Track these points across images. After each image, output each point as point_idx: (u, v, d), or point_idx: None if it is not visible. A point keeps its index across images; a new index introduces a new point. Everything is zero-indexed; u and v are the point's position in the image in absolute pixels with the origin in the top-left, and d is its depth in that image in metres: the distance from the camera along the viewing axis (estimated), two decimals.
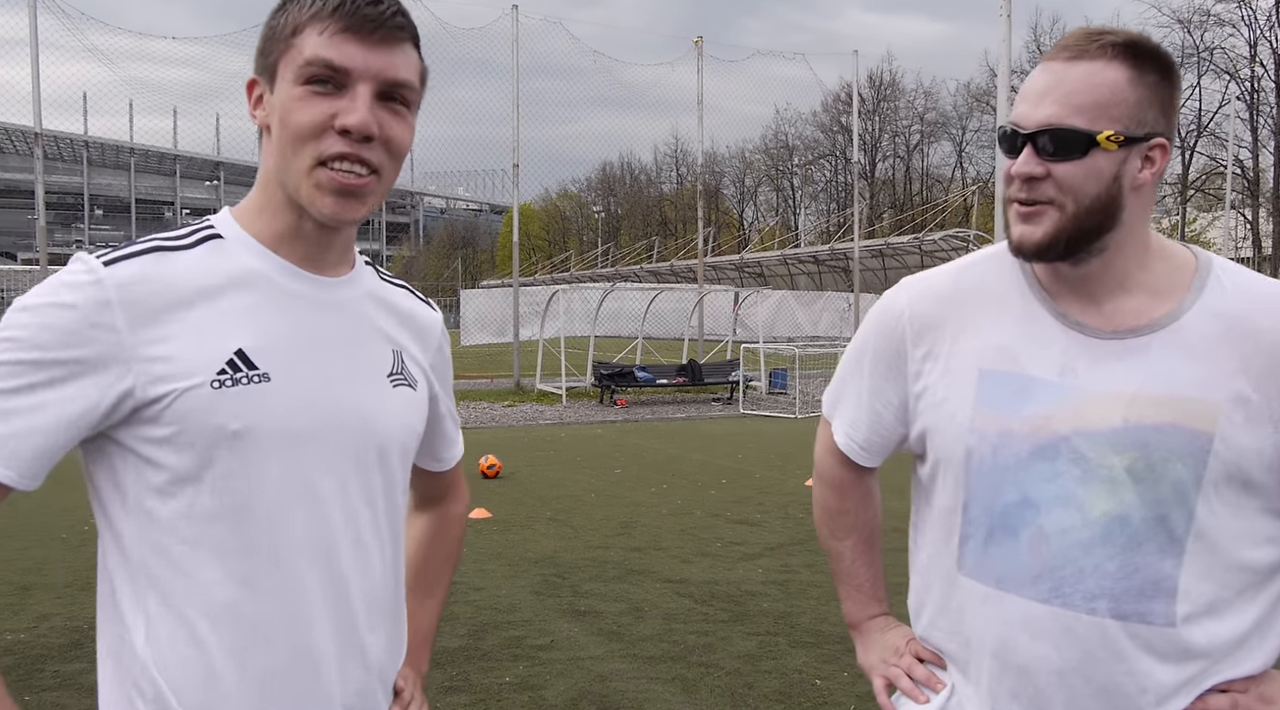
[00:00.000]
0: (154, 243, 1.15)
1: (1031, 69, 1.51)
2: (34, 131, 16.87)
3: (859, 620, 1.61)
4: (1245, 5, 41.21)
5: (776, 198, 69.73)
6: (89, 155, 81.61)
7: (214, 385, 1.11)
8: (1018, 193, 1.29)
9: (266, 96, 1.17)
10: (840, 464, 1.58)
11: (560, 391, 17.62)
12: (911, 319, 1.43)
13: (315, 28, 1.13)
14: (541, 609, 5.29)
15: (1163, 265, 1.33)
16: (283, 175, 1.16)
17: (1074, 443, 1.28)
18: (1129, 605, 1.26)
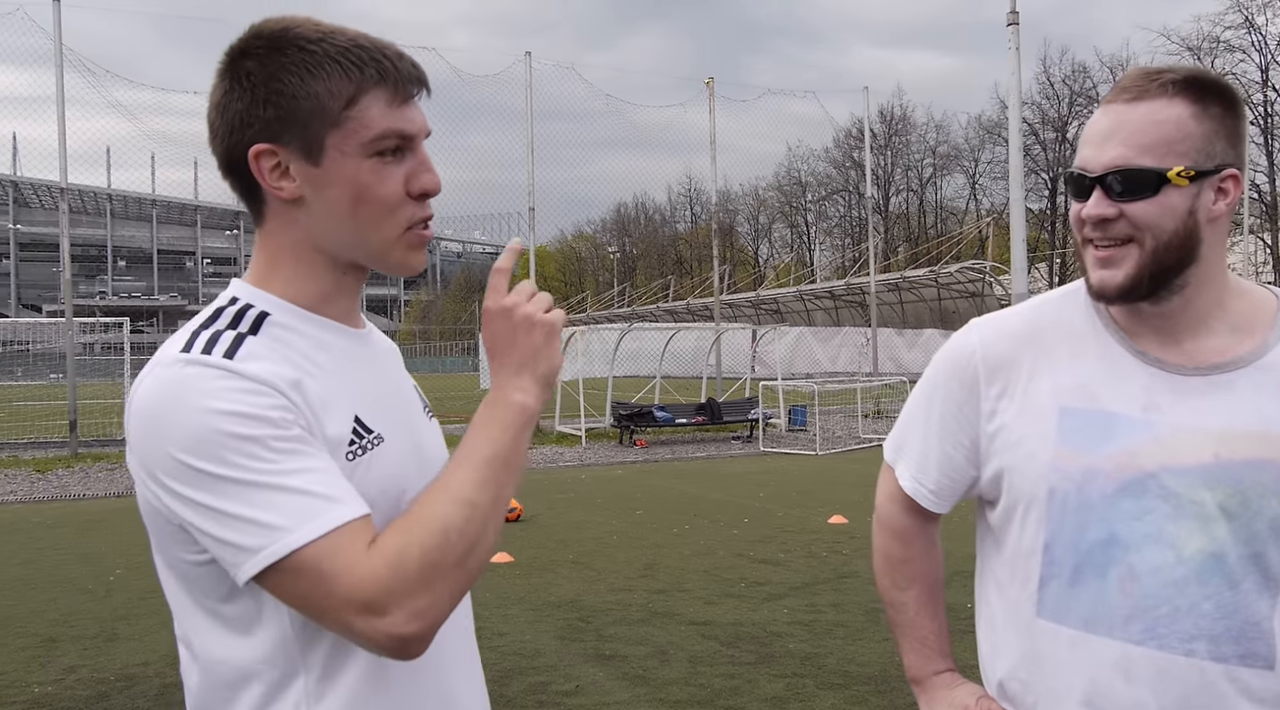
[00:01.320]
0: (229, 335, 1.09)
1: (1043, 100, 1.52)
2: (59, 186, 17.18)
3: (924, 675, 1.54)
4: (1254, 31, 41.33)
5: (791, 234, 69.99)
6: (112, 207, 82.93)
7: (349, 458, 1.11)
8: (1091, 234, 1.29)
9: (298, 167, 1.12)
10: (905, 511, 1.54)
11: (580, 433, 17.60)
12: (984, 358, 1.40)
13: (377, 99, 1.12)
14: (566, 654, 5.24)
15: (1242, 303, 1.33)
16: (354, 243, 1.15)
17: (1162, 479, 1.26)
18: (1227, 647, 1.23)
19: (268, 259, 1.19)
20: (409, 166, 1.14)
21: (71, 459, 15.41)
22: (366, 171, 1.12)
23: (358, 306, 1.26)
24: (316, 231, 1.15)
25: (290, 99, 1.10)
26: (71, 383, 16.60)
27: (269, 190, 1.14)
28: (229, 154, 1.14)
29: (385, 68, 1.12)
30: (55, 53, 16.70)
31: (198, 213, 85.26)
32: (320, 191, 1.13)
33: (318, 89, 1.10)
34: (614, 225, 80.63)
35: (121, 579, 7.06)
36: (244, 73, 1.11)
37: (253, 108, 1.11)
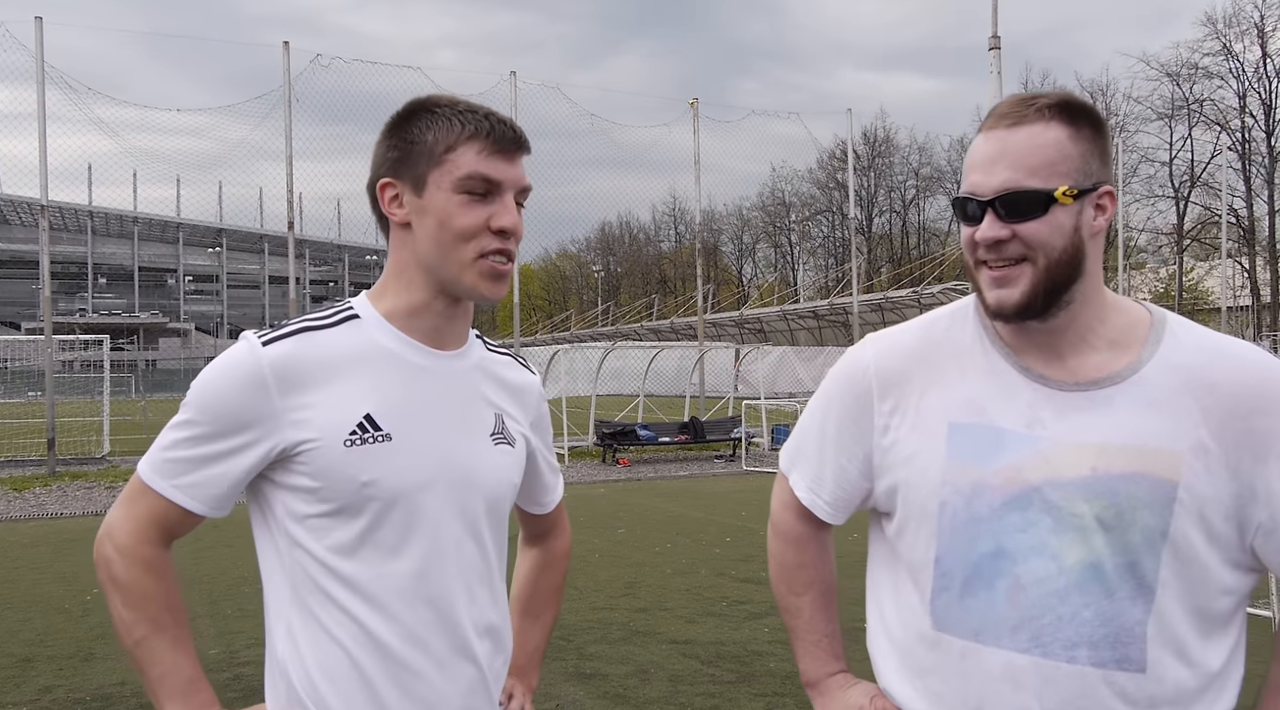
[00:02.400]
0: (304, 324, 1.42)
1: None
2: (40, 203, 17.08)
3: (818, 678, 1.58)
4: (1232, 58, 41.97)
5: (775, 254, 70.30)
6: (93, 225, 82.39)
7: (346, 444, 1.37)
8: (986, 256, 1.33)
9: (408, 198, 1.41)
10: (799, 518, 1.58)
11: (562, 451, 17.56)
12: (878, 373, 1.45)
13: (471, 148, 1.39)
14: (546, 672, 5.22)
15: (1120, 319, 1.38)
16: (438, 265, 1.41)
17: (1045, 493, 1.31)
18: (1106, 652, 1.28)
19: (384, 275, 1.48)
20: (494, 208, 1.40)
21: (49, 477, 15.25)
22: (455, 204, 1.38)
23: (451, 329, 1.48)
24: (418, 253, 1.42)
25: (410, 144, 1.41)
26: (50, 401, 16.45)
27: (388, 214, 1.43)
28: (369, 186, 1.45)
29: (482, 125, 1.40)
30: (37, 69, 16.65)
31: (180, 230, 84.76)
32: (421, 218, 1.40)
33: (428, 137, 1.40)
34: (598, 244, 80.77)
35: (99, 598, 6.97)
36: (389, 128, 1.44)
37: (386, 152, 1.43)
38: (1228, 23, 42.18)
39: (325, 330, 1.42)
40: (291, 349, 1.38)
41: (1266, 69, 41.64)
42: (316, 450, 1.36)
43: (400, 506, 1.39)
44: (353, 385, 1.39)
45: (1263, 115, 41.98)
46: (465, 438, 1.47)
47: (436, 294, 1.44)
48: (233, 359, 1.38)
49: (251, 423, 1.36)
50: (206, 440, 1.37)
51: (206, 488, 1.39)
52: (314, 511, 1.38)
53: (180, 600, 1.41)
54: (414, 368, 1.44)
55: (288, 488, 1.39)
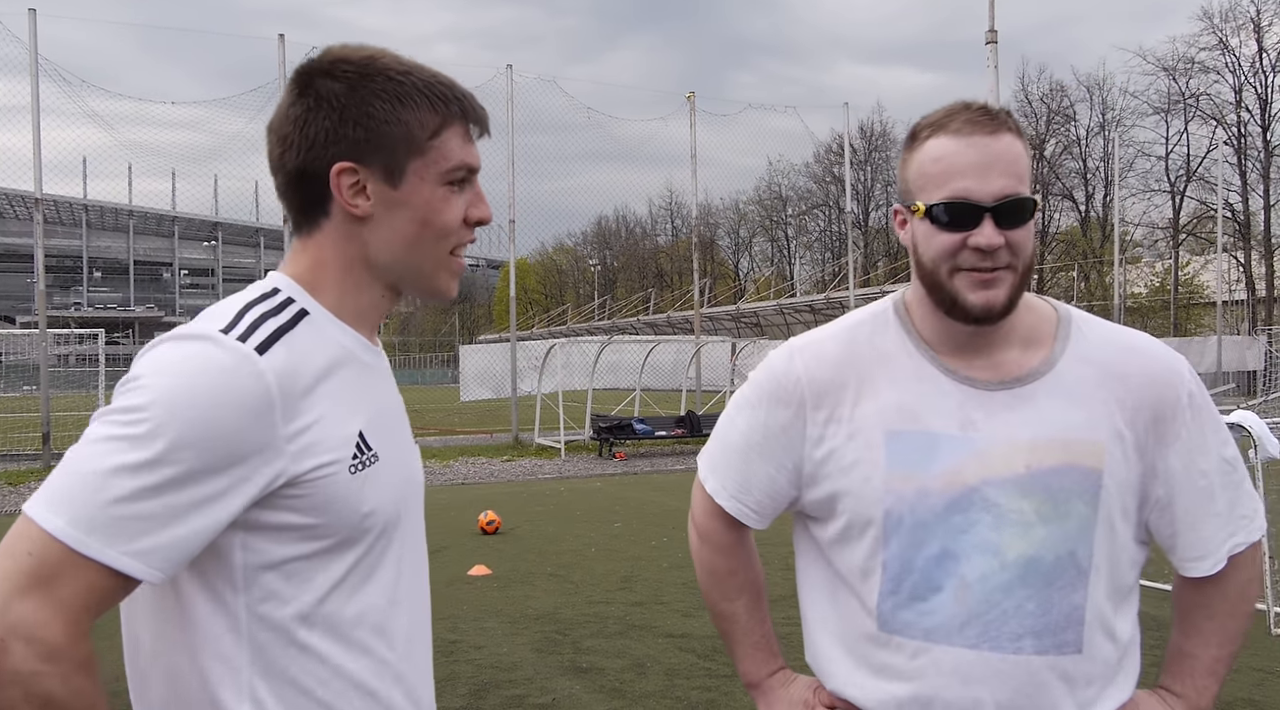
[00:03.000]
0: (274, 323, 1.13)
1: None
2: (34, 196, 17.01)
3: (759, 678, 1.60)
4: (1229, 52, 41.97)
5: (771, 248, 70.26)
6: (88, 218, 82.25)
7: (351, 471, 1.15)
8: (980, 261, 1.34)
9: (376, 188, 1.19)
10: (725, 526, 1.58)
11: (559, 445, 17.55)
12: (810, 383, 1.46)
13: (455, 134, 1.23)
14: (543, 667, 5.22)
15: (1030, 316, 1.44)
16: (406, 262, 1.23)
17: (984, 492, 1.35)
18: (1048, 639, 1.35)
19: (312, 265, 1.23)
20: (468, 197, 1.25)
21: (44, 472, 15.22)
22: (439, 198, 1.22)
23: (377, 327, 1.32)
24: (375, 249, 1.22)
25: (381, 124, 1.18)
26: (45, 395, 16.41)
27: (345, 205, 1.20)
28: (305, 166, 1.19)
29: (466, 107, 1.24)
30: (31, 62, 16.59)
31: (175, 224, 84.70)
32: (392, 211, 1.21)
33: (408, 118, 1.19)
34: (595, 238, 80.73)
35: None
36: (330, 93, 1.18)
37: (341, 127, 1.18)
38: (1224, 17, 42.18)
39: (294, 330, 1.15)
40: (288, 356, 1.11)
41: (1262, 63, 41.67)
42: (324, 480, 1.12)
43: (388, 533, 1.22)
44: (340, 398, 1.16)
45: (1259, 110, 42.01)
46: (409, 445, 1.33)
47: (385, 292, 1.26)
48: (224, 372, 1.06)
49: (250, 454, 1.06)
50: (188, 485, 1.03)
51: (177, 550, 1.03)
52: (298, 552, 1.13)
53: None
54: (371, 370, 1.26)
55: (262, 529, 1.11)
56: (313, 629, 1.14)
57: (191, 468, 1.03)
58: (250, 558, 1.11)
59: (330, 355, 1.18)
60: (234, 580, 1.11)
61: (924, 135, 1.39)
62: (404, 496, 1.26)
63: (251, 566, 1.11)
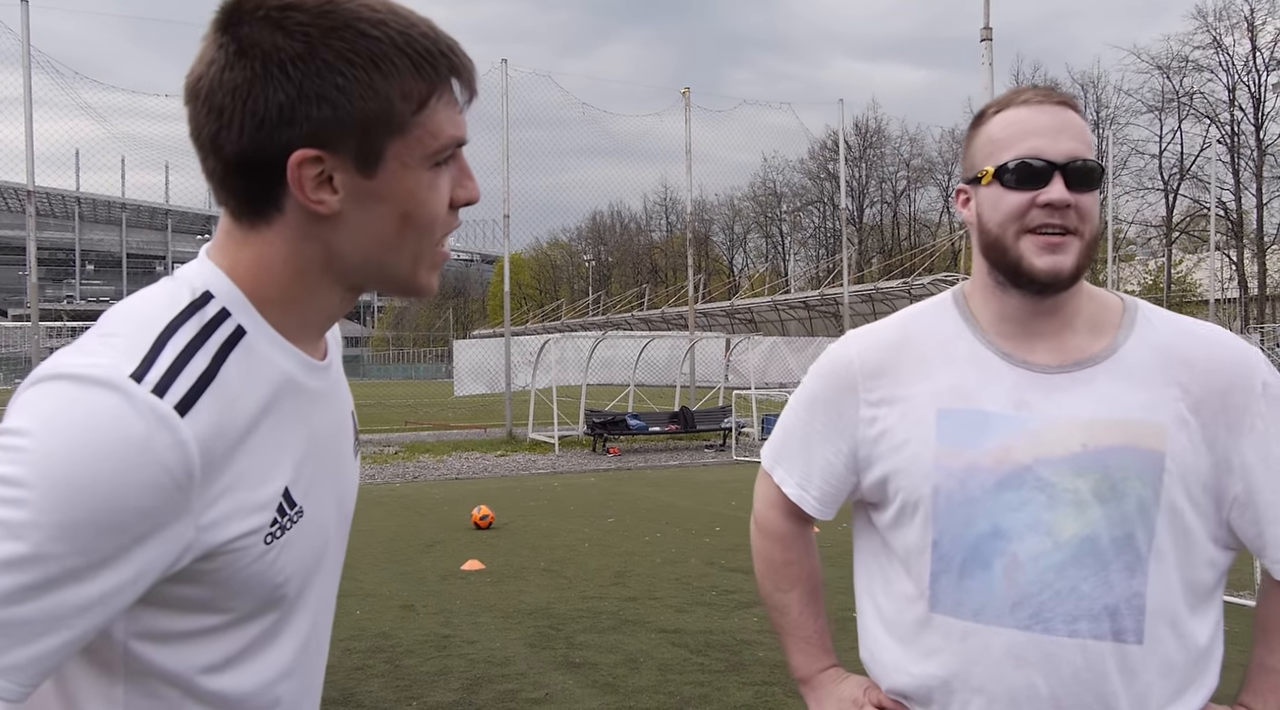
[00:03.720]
0: (201, 363, 0.90)
1: None
2: (27, 189, 16.95)
3: (810, 674, 1.58)
4: (1222, 51, 42.05)
5: (766, 244, 70.34)
6: (81, 211, 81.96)
7: (267, 541, 0.95)
8: (1048, 220, 1.32)
9: (345, 178, 0.93)
10: (785, 516, 1.58)
11: (553, 441, 17.55)
12: (862, 366, 1.46)
13: (443, 103, 0.96)
14: (536, 661, 5.22)
15: (1094, 305, 1.42)
16: (382, 261, 0.98)
17: (1037, 471, 1.33)
18: (1105, 624, 1.30)
19: (255, 266, 0.97)
20: (452, 173, 0.99)
21: None
22: (425, 185, 0.96)
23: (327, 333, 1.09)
24: (340, 249, 0.96)
25: (354, 99, 0.91)
26: None
27: (306, 202, 0.93)
28: (252, 152, 0.91)
29: (455, 64, 0.96)
30: (23, 53, 16.52)
31: (168, 217, 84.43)
32: (365, 206, 0.95)
33: (387, 89, 0.92)
34: (589, 233, 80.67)
35: None
36: (281, 56, 0.89)
37: (300, 104, 0.90)
38: (1218, 16, 42.26)
39: (225, 366, 0.92)
40: (215, 410, 0.89)
41: (1256, 62, 41.75)
42: (232, 556, 0.92)
43: (303, 594, 1.04)
44: (266, 448, 0.95)
45: (1251, 108, 42.10)
46: (344, 470, 1.12)
47: (345, 296, 1.02)
48: (133, 443, 0.82)
49: (157, 537, 0.85)
50: (73, 583, 0.82)
51: (50, 661, 0.83)
52: (193, 627, 0.95)
53: None
54: (310, 397, 1.03)
55: (155, 603, 0.92)
56: (197, 700, 0.98)
57: (78, 564, 0.81)
58: (133, 628, 0.93)
59: (264, 392, 0.95)
60: (113, 654, 0.94)
61: (991, 112, 1.40)
62: (328, 542, 1.08)
63: (134, 639, 0.93)
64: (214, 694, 0.98)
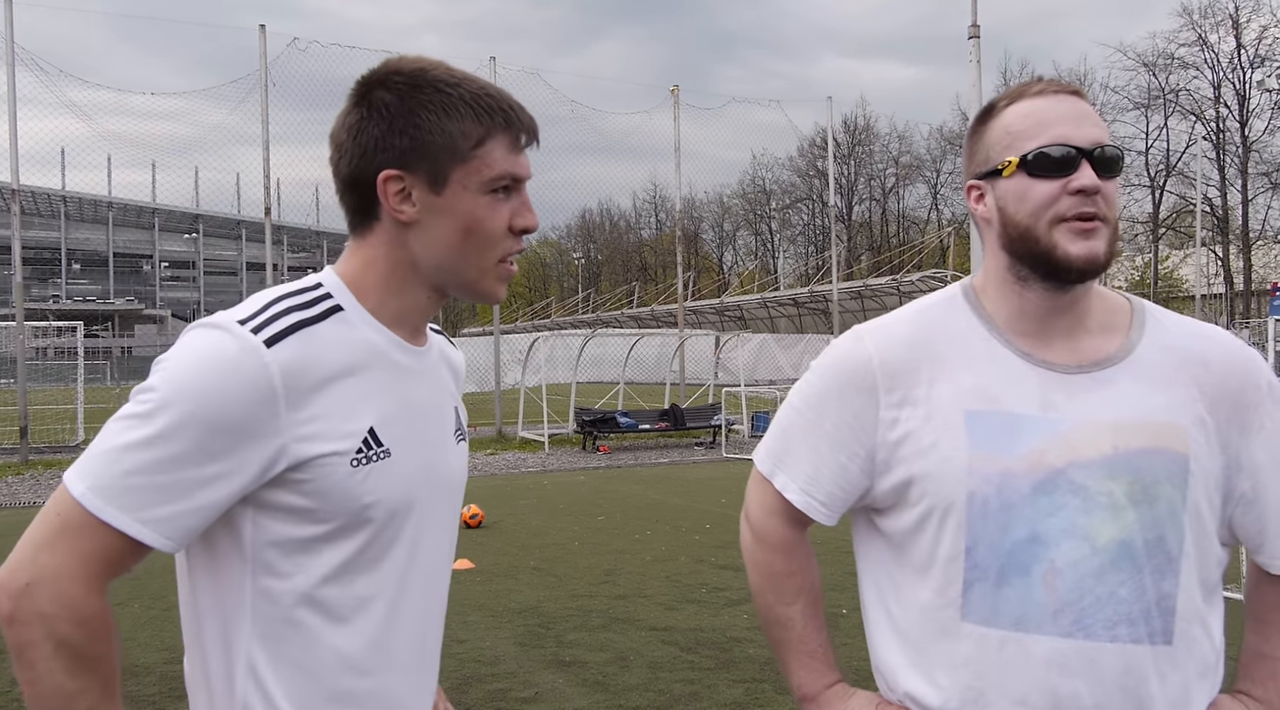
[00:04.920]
0: (295, 317, 1.20)
1: None
2: (11, 187, 16.83)
3: (815, 691, 1.49)
4: (1208, 48, 42.26)
5: (755, 241, 70.37)
6: (66, 210, 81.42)
7: (353, 464, 1.21)
8: (1081, 206, 1.30)
9: (420, 195, 1.25)
10: (786, 523, 1.50)
11: (543, 439, 17.54)
12: (882, 365, 1.40)
13: (500, 143, 1.26)
14: (526, 660, 5.22)
15: (1103, 304, 1.41)
16: (452, 268, 1.28)
17: (1070, 474, 1.30)
18: (1142, 628, 1.29)
19: (361, 265, 1.29)
20: (514, 205, 1.29)
21: (22, 466, 15.09)
22: (482, 206, 1.26)
23: (425, 325, 1.38)
24: (420, 253, 1.27)
25: (426, 133, 1.23)
26: (22, 388, 16.26)
27: (390, 211, 1.25)
28: (357, 173, 1.26)
29: (511, 118, 1.27)
30: (7, 51, 16.39)
31: (155, 216, 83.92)
32: (435, 218, 1.25)
33: (451, 128, 1.24)
34: (579, 231, 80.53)
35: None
36: (381, 103, 1.24)
37: (389, 136, 1.23)
38: (1203, 14, 42.46)
39: (318, 325, 1.22)
40: (298, 351, 1.17)
41: (1240, 59, 41.99)
42: (323, 469, 1.18)
43: (393, 526, 1.27)
44: (353, 394, 1.22)
45: (1236, 105, 42.33)
46: (445, 442, 1.38)
47: (430, 295, 1.32)
48: (229, 360, 1.13)
49: (252, 439, 1.14)
50: (192, 462, 1.12)
51: (185, 521, 1.13)
52: (303, 534, 1.20)
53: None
54: (402, 370, 1.30)
55: (271, 508, 1.19)
56: (311, 608, 1.22)
57: (194, 447, 1.11)
58: (258, 534, 1.20)
59: (353, 353, 1.24)
60: (243, 553, 1.20)
61: (1002, 105, 1.38)
62: (421, 492, 1.30)
63: (258, 542, 1.20)
64: (316, 599, 1.22)
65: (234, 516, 1.19)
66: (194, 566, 1.23)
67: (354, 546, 1.23)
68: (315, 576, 1.22)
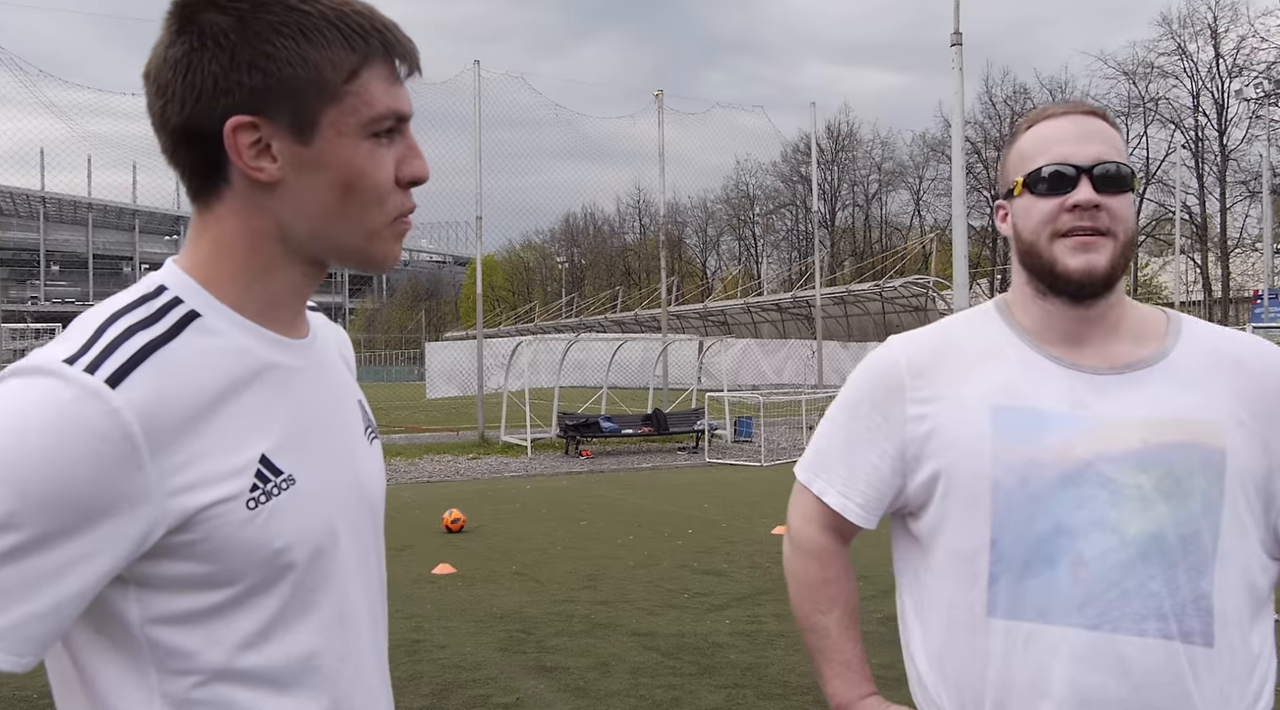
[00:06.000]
0: (140, 340, 0.93)
1: (985, 119, 1.56)
2: None
3: (849, 701, 1.50)
4: (1186, 58, 42.68)
5: (739, 246, 70.48)
6: (45, 211, 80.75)
7: (249, 506, 0.96)
8: (1078, 222, 1.34)
9: (283, 146, 0.98)
10: (824, 531, 1.53)
11: (525, 443, 17.49)
12: (908, 363, 1.44)
13: (377, 74, 1.00)
14: (507, 666, 5.20)
15: (1136, 315, 1.43)
16: (331, 233, 1.02)
17: (1098, 467, 1.31)
18: (1174, 625, 1.28)
19: (212, 249, 1.01)
20: (399, 151, 1.03)
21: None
22: (363, 154, 0.99)
23: (303, 309, 1.10)
24: (289, 220, 1.00)
25: (284, 66, 0.95)
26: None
27: (245, 170, 0.97)
28: (191, 122, 0.96)
29: (389, 40, 1.00)
30: None
31: (135, 217, 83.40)
32: (305, 174, 0.99)
33: (316, 57, 0.96)
34: (562, 235, 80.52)
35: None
36: (216, 29, 0.95)
37: (231, 72, 0.94)
38: (1182, 23, 42.88)
39: (172, 343, 0.95)
40: (152, 384, 0.91)
41: (1219, 69, 42.43)
42: (214, 522, 0.94)
43: (316, 566, 1.03)
44: (236, 421, 0.97)
45: (1215, 114, 42.77)
46: (354, 447, 1.13)
47: (307, 270, 1.05)
48: (64, 417, 0.86)
49: (113, 510, 0.88)
50: (35, 550, 0.85)
51: (37, 628, 0.87)
52: (203, 605, 0.96)
53: None
54: (288, 373, 1.04)
55: (158, 583, 0.94)
56: (236, 683, 0.99)
57: (35, 533, 0.85)
58: (148, 614, 0.95)
59: (224, 368, 0.97)
60: (135, 642, 0.95)
61: (1023, 129, 1.43)
62: (339, 516, 1.07)
63: (151, 624, 0.95)
64: (245, 673, 0.99)
65: (108, 602, 0.93)
66: (71, 678, 0.97)
67: (274, 604, 1.00)
68: (233, 648, 0.98)
